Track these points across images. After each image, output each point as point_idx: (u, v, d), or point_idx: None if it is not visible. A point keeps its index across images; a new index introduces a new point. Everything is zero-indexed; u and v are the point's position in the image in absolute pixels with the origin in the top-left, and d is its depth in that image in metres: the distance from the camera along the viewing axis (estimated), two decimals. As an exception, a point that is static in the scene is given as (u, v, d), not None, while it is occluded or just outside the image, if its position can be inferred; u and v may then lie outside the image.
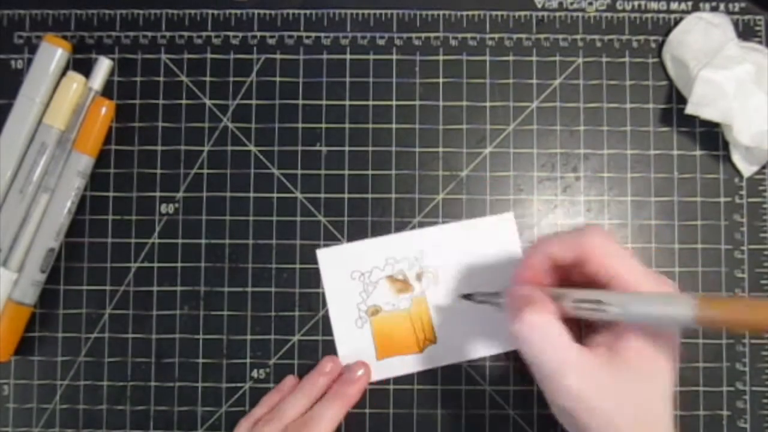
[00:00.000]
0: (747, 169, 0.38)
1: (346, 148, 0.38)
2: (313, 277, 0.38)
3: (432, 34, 0.39)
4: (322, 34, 0.39)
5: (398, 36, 0.39)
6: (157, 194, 0.38)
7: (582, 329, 0.31)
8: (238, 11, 0.39)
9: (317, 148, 0.38)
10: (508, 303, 0.30)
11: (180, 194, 0.38)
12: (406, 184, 0.38)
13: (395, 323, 0.37)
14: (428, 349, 0.37)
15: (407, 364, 0.37)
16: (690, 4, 0.39)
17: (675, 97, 0.38)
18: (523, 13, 0.39)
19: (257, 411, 0.36)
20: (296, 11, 0.39)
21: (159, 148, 0.38)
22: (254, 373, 0.37)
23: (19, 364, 0.38)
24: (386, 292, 0.37)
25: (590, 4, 0.39)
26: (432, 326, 0.37)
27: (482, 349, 0.37)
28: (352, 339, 0.37)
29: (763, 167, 0.38)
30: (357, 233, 0.38)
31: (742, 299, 0.22)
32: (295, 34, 0.39)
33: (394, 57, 0.39)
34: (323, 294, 0.38)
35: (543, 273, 0.31)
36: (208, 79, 0.39)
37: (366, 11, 0.39)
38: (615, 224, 0.38)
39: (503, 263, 0.37)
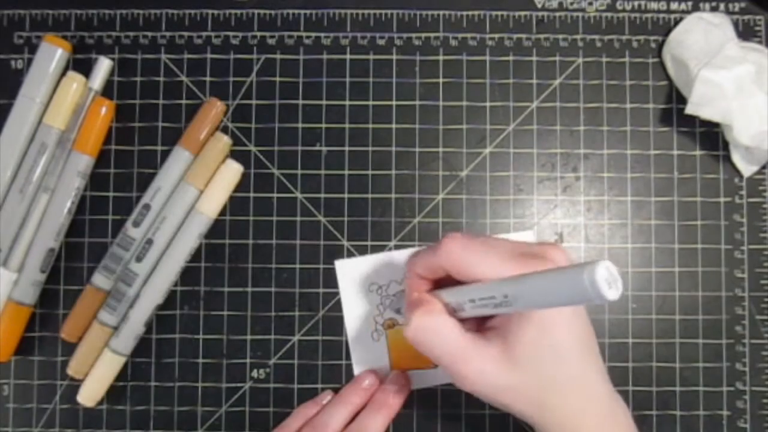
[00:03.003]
0: (747, 169, 0.38)
1: (346, 148, 0.38)
2: (313, 277, 0.38)
3: (432, 34, 0.39)
4: (322, 34, 0.39)
5: (398, 36, 0.39)
6: (157, 194, 0.38)
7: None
8: (238, 11, 0.39)
9: (317, 148, 0.38)
10: (404, 311, 0.31)
11: (180, 194, 0.38)
12: (406, 184, 0.38)
13: None
14: None
15: (422, 379, 0.37)
16: (690, 4, 0.39)
17: (675, 97, 0.38)
18: (523, 13, 0.39)
19: (293, 423, 0.36)
20: (296, 11, 0.39)
21: (159, 148, 0.38)
22: (254, 373, 0.37)
23: (19, 364, 0.38)
24: (403, 306, 0.37)
25: (590, 4, 0.39)
26: None
27: None
28: (367, 351, 0.37)
29: (763, 167, 0.38)
30: (357, 233, 0.38)
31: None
32: (295, 34, 0.39)
33: (394, 57, 0.39)
34: (323, 294, 0.38)
35: (428, 286, 0.31)
36: (208, 79, 0.39)
37: (366, 11, 0.39)
38: (615, 224, 0.38)
39: None
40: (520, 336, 0.28)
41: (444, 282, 0.30)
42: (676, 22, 0.38)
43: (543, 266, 0.26)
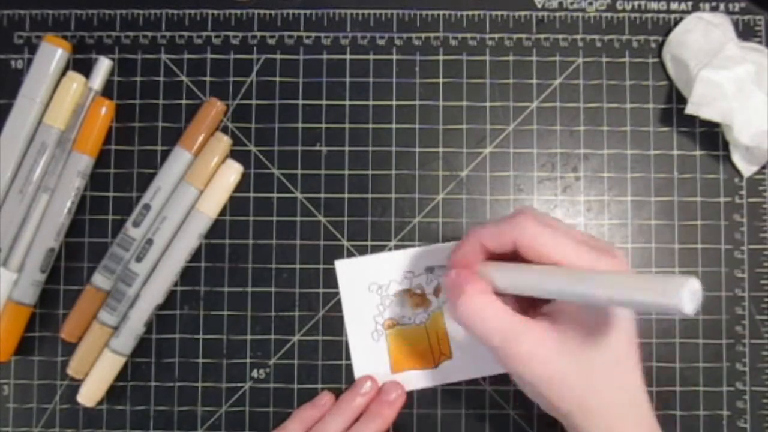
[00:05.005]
0: (747, 169, 0.38)
1: (346, 148, 0.38)
2: (313, 277, 0.38)
3: (432, 34, 0.39)
4: (322, 34, 0.39)
5: (398, 36, 0.39)
6: (157, 194, 0.38)
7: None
8: (238, 11, 0.39)
9: (317, 148, 0.38)
10: (446, 289, 0.30)
11: (180, 194, 0.38)
12: (406, 184, 0.38)
13: (411, 337, 0.37)
14: (443, 365, 0.37)
15: (422, 379, 0.37)
16: (690, 4, 0.39)
17: (675, 97, 0.38)
18: (523, 13, 0.39)
19: (291, 426, 0.36)
20: (296, 11, 0.39)
21: (159, 148, 0.38)
22: (254, 373, 0.37)
23: (19, 364, 0.38)
24: (403, 306, 0.37)
25: (590, 4, 0.39)
26: (448, 341, 0.37)
27: (498, 366, 0.36)
28: (367, 351, 0.37)
29: (763, 167, 0.38)
30: (357, 233, 0.38)
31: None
32: (295, 34, 0.39)
33: (394, 57, 0.39)
34: (323, 294, 0.38)
35: (477, 260, 0.30)
36: (208, 79, 0.39)
37: (366, 11, 0.39)
38: (615, 224, 0.38)
39: None
40: (579, 330, 0.27)
41: (494, 256, 0.30)
42: (676, 22, 0.38)
43: (612, 262, 0.27)
